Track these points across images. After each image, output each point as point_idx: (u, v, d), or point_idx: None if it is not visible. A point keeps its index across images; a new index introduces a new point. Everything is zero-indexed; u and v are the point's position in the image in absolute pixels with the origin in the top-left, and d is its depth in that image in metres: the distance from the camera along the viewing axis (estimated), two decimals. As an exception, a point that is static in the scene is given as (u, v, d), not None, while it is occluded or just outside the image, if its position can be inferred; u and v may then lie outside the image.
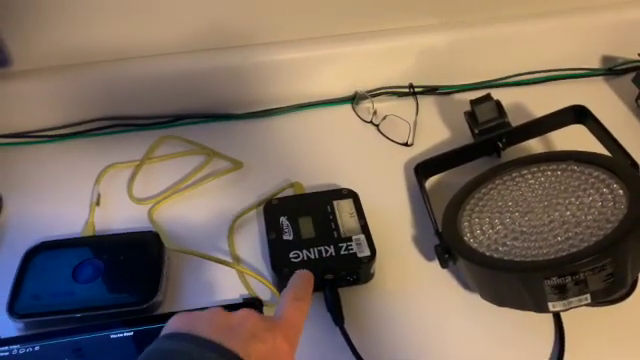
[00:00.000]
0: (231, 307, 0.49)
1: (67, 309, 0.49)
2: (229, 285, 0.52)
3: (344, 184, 0.59)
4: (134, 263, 0.52)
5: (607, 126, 0.54)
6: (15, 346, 0.47)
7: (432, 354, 0.48)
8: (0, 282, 0.51)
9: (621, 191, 0.46)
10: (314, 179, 0.61)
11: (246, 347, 0.32)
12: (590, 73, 0.73)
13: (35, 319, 0.49)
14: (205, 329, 0.33)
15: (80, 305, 0.49)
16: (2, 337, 0.48)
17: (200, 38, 0.66)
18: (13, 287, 0.50)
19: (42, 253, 0.53)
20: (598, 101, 0.59)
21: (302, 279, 0.41)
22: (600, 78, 0.74)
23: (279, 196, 0.58)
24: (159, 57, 0.67)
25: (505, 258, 0.45)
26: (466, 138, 0.64)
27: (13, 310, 0.49)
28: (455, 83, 0.72)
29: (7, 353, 0.47)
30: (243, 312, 0.36)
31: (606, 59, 0.75)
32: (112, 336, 0.48)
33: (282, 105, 0.70)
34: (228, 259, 0.54)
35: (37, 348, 0.47)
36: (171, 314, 0.49)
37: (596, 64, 0.75)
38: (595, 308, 0.49)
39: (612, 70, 0.73)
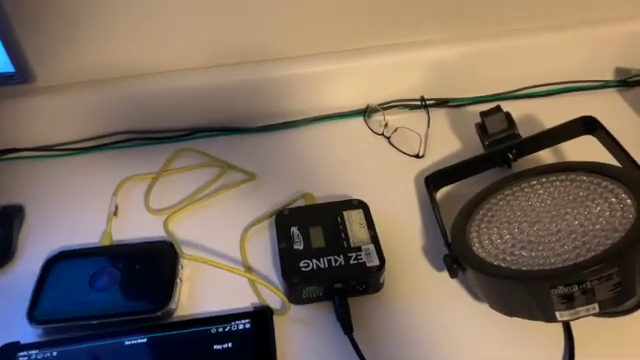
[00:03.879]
0: (241, 316, 0.50)
1: (84, 316, 0.50)
2: (241, 293, 0.53)
3: (355, 195, 0.60)
4: (149, 272, 0.54)
5: (619, 138, 0.54)
6: (34, 351, 0.49)
7: (441, 364, 0.48)
8: (21, 290, 0.53)
9: (629, 201, 0.46)
10: (326, 190, 0.62)
11: None
12: (602, 85, 0.73)
13: (53, 325, 0.50)
14: None
15: (97, 312, 0.51)
16: (22, 343, 0.50)
17: (216, 54, 0.68)
18: (33, 294, 0.52)
19: (61, 262, 0.55)
20: (610, 113, 0.59)
21: None
22: (613, 90, 0.74)
23: (290, 207, 0.59)
24: (176, 73, 0.69)
25: (513, 267, 0.45)
26: (477, 150, 0.65)
27: (33, 316, 0.51)
28: (466, 96, 0.73)
29: (26, 358, 0.48)
30: None
31: (619, 71, 0.75)
32: (127, 342, 0.49)
33: (295, 118, 0.72)
34: (240, 268, 0.55)
35: (55, 353, 0.49)
36: (184, 322, 0.51)
37: (609, 76, 0.75)
38: (606, 319, 0.49)
39: (625, 82, 0.73)
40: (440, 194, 0.61)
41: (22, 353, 0.49)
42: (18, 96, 0.66)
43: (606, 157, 0.54)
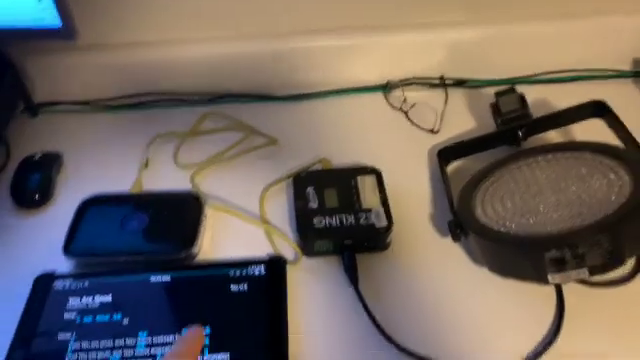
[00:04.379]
0: (257, 262, 0.54)
1: (114, 252, 0.55)
2: (258, 243, 0.58)
3: (370, 164, 0.63)
4: (175, 218, 0.58)
5: (630, 127, 0.56)
6: (68, 281, 0.54)
7: (440, 319, 0.51)
8: (59, 227, 0.58)
9: (627, 178, 0.48)
10: (342, 158, 0.66)
11: None
12: (618, 75, 0.75)
13: (86, 259, 0.56)
14: None
15: (125, 250, 0.55)
16: (57, 273, 0.55)
17: (247, 25, 0.72)
18: (69, 231, 0.57)
19: (95, 204, 0.60)
20: (623, 101, 0.60)
21: (189, 336, 0.38)
22: (628, 80, 0.75)
23: (308, 170, 0.63)
24: (208, 40, 0.73)
25: (511, 233, 0.49)
26: (490, 129, 0.67)
27: (69, 250, 0.56)
28: (484, 77, 0.75)
29: (61, 286, 0.54)
30: None
31: (636, 62, 0.76)
32: (152, 279, 0.54)
33: (318, 90, 0.75)
34: (258, 220, 0.59)
35: (86, 284, 0.54)
36: (205, 264, 0.55)
37: (626, 67, 0.76)
38: (597, 290, 0.52)
39: (641, 73, 0.75)
40: (451, 168, 0.64)
41: (57, 282, 0.54)
42: (62, 53, 0.71)
43: (613, 141, 0.57)
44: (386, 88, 0.75)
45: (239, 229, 0.59)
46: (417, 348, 0.49)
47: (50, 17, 0.59)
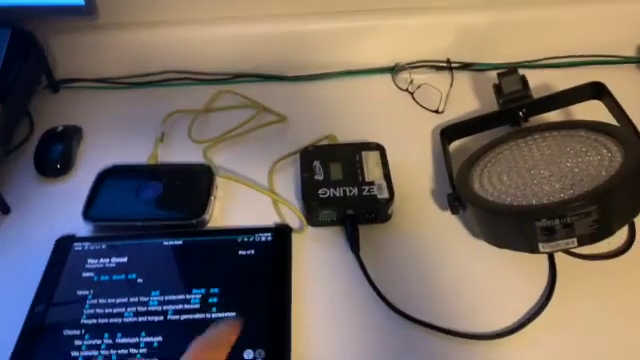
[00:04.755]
0: (264, 230, 0.57)
1: (130, 218, 0.59)
2: (265, 213, 0.61)
3: (375, 141, 0.65)
4: (188, 188, 0.61)
5: (631, 112, 0.58)
6: (87, 243, 0.57)
7: (438, 287, 0.54)
8: (79, 195, 0.61)
9: (619, 154, 0.50)
10: (349, 136, 0.68)
11: None
12: (623, 60, 0.76)
13: (104, 224, 0.59)
14: None
15: (140, 216, 0.59)
16: (77, 236, 0.58)
17: (260, 8, 0.75)
18: (88, 198, 0.61)
19: (113, 173, 0.63)
20: (626, 87, 0.62)
21: (225, 324, 0.37)
22: (633, 66, 0.77)
23: (315, 145, 0.66)
24: (222, 21, 0.76)
25: (505, 204, 0.51)
26: (493, 110, 0.69)
27: (88, 215, 0.59)
28: (490, 61, 0.77)
29: (80, 248, 0.57)
30: None
31: (641, 49, 0.78)
32: (165, 243, 0.57)
33: (327, 71, 0.78)
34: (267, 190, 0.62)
35: (104, 246, 0.57)
36: (215, 230, 0.59)
37: (630, 52, 0.78)
38: (590, 262, 0.54)
39: (646, 59, 0.76)
40: (453, 147, 0.67)
41: (77, 244, 0.57)
42: (83, 31, 0.75)
43: (611, 121, 0.59)
44: (394, 70, 0.77)
45: (248, 199, 0.62)
46: (415, 313, 0.52)
47: (73, -5, 0.63)
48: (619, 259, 0.54)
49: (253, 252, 0.56)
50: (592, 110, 0.62)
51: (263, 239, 0.57)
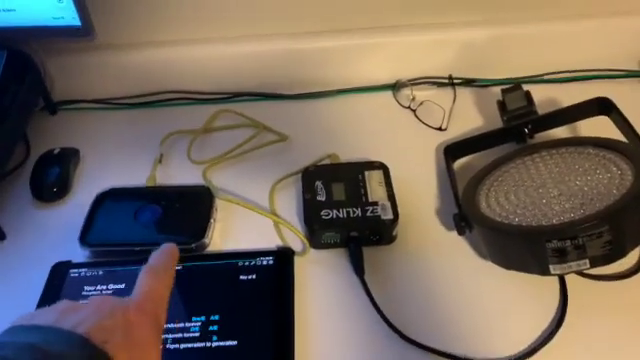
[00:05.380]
0: (266, 253, 0.56)
1: (128, 243, 0.57)
2: (266, 236, 0.59)
3: (378, 159, 0.64)
4: (187, 210, 0.60)
5: (637, 126, 0.57)
6: (83, 269, 0.56)
7: (445, 311, 0.52)
8: (75, 219, 0.60)
9: (629, 172, 0.49)
10: (351, 155, 0.67)
11: (83, 324, 0.30)
12: (626, 75, 0.75)
13: (101, 249, 0.58)
14: (45, 317, 0.32)
15: (139, 241, 0.57)
16: (73, 262, 0.57)
17: (260, 25, 0.74)
18: (85, 222, 0.59)
19: (111, 196, 0.62)
20: (630, 101, 0.61)
21: (164, 252, 0.40)
22: (636, 80, 0.76)
23: (317, 164, 0.64)
24: (221, 40, 0.75)
25: (514, 224, 0.50)
26: (497, 127, 0.68)
27: (84, 240, 0.58)
28: (492, 77, 0.76)
29: (77, 275, 0.56)
30: (93, 298, 0.34)
31: (645, 62, 0.77)
32: (163, 268, 0.55)
33: (328, 89, 0.77)
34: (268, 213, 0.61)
35: (101, 273, 0.56)
36: (215, 254, 0.57)
37: (634, 66, 0.77)
38: (601, 282, 0.52)
39: (649, 73, 0.76)
40: (457, 165, 0.65)
41: (73, 270, 0.56)
42: (80, 52, 0.74)
43: (618, 137, 0.57)
44: (395, 87, 0.76)
45: (249, 221, 0.60)
46: (422, 339, 0.50)
47: (70, 16, 0.62)
48: (632, 279, 0.52)
49: (254, 277, 0.54)
50: (598, 125, 0.61)
51: (265, 263, 0.55)
